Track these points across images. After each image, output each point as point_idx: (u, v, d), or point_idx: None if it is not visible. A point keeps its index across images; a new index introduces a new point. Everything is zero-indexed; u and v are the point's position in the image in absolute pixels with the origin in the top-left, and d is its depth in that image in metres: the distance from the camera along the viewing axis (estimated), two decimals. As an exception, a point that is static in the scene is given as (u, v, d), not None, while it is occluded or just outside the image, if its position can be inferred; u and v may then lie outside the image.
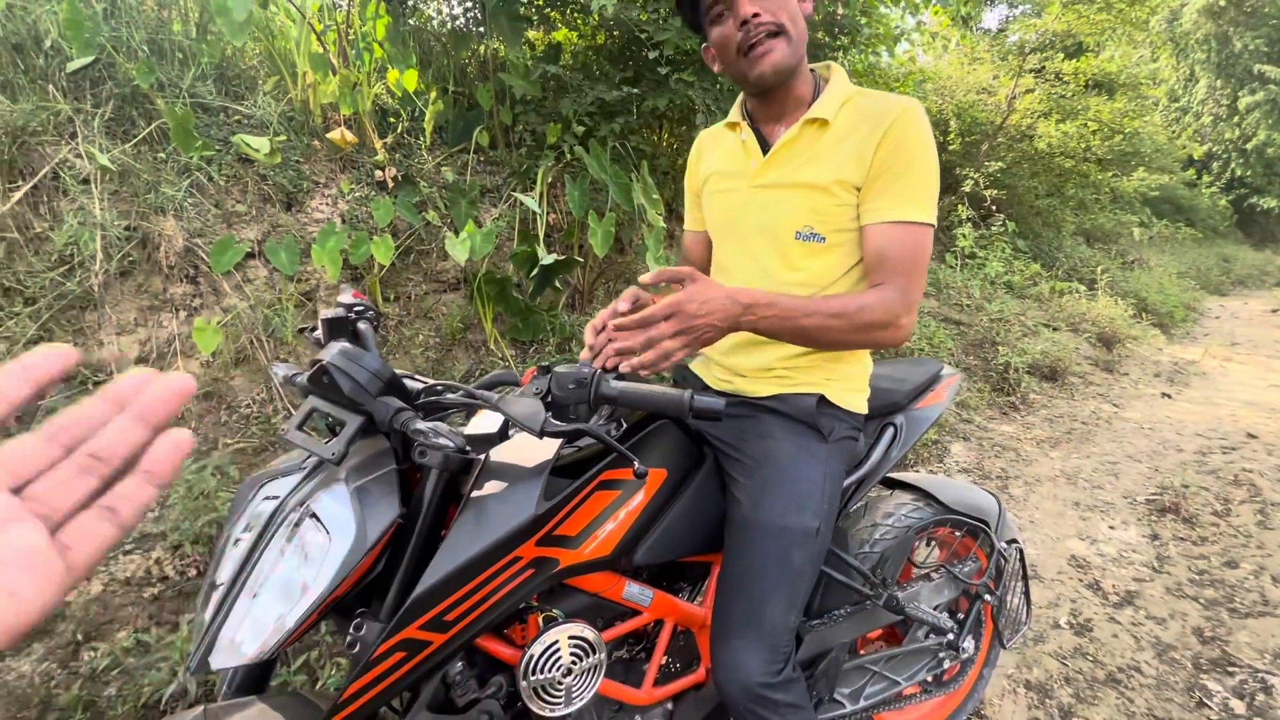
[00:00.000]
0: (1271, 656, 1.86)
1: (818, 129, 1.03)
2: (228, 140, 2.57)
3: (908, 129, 0.97)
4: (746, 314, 0.88)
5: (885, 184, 0.97)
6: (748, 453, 1.05)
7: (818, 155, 1.02)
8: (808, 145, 1.03)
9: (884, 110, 0.98)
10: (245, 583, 0.77)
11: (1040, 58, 6.63)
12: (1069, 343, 4.94)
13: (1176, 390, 4.59)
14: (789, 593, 0.95)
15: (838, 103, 1.03)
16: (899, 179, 0.97)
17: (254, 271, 2.57)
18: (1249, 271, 11.16)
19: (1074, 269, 6.97)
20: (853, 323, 0.94)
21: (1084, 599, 2.14)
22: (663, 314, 0.84)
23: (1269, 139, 14.23)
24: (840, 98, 1.03)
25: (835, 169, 1.00)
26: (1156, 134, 8.25)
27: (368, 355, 0.83)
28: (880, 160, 0.97)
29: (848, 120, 1.01)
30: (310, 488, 0.82)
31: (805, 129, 1.03)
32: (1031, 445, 3.48)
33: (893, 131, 0.96)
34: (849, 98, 1.03)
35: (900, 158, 0.96)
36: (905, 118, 0.97)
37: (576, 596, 0.97)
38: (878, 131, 0.97)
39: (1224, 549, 2.44)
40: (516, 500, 0.83)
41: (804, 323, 0.91)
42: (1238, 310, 8.04)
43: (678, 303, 0.84)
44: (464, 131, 3.32)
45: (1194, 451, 3.44)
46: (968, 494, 1.51)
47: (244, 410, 2.34)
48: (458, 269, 3.12)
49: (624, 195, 2.96)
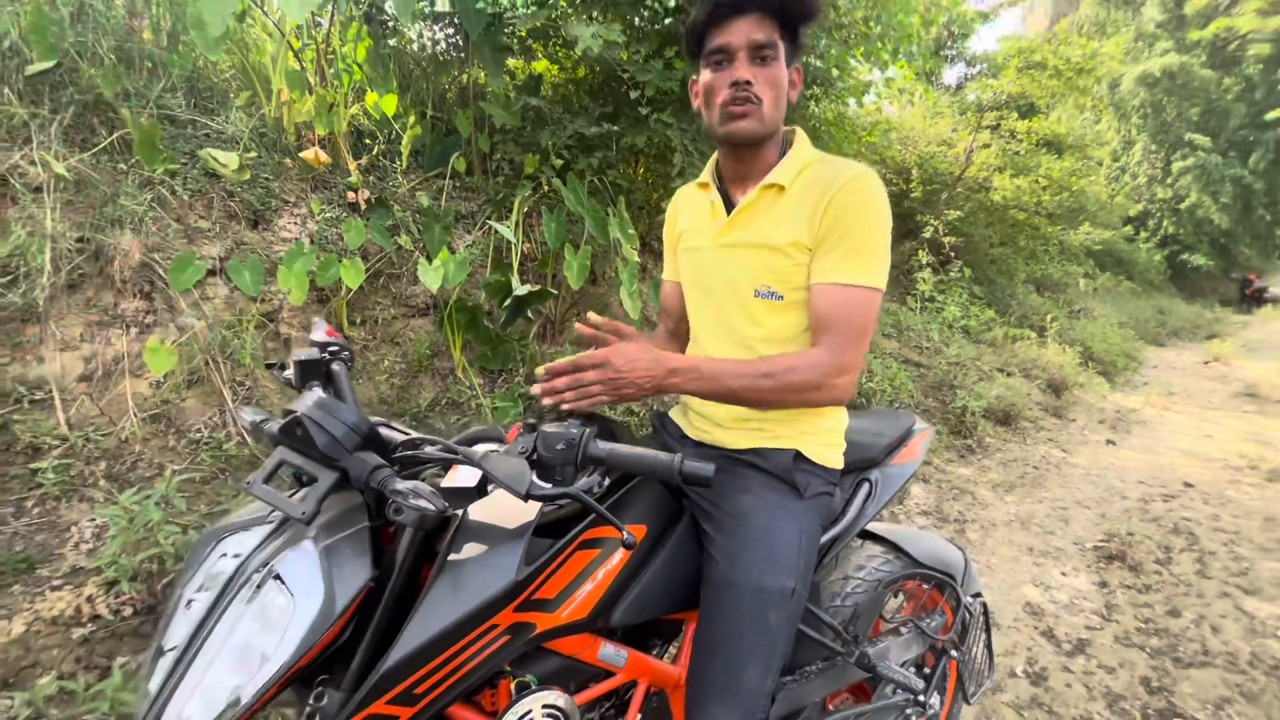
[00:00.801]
0: (1214, 708, 1.92)
1: (775, 193, 1.07)
2: (194, 154, 2.50)
3: (855, 194, 1.00)
4: (670, 377, 0.94)
5: (830, 246, 1.01)
6: (725, 509, 1.05)
7: (775, 218, 1.07)
8: (766, 208, 1.08)
9: (833, 177, 1.03)
10: (200, 649, 0.71)
11: (996, 115, 7.01)
12: (1022, 388, 5.13)
13: (1120, 437, 4.80)
14: (766, 656, 0.94)
15: (796, 169, 1.07)
16: (843, 242, 1.00)
17: (214, 290, 2.48)
18: (1182, 324, 11.85)
19: (1025, 316, 7.29)
20: (780, 383, 0.97)
21: (1039, 647, 2.19)
22: (592, 363, 0.90)
23: (1199, 201, 15.28)
24: (799, 164, 1.08)
25: (790, 231, 1.04)
26: (1100, 192, 8.77)
27: (344, 407, 0.80)
28: (827, 223, 1.01)
29: (803, 186, 1.06)
30: (276, 545, 0.78)
31: (764, 193, 1.08)
32: (987, 489, 3.58)
33: (839, 196, 1.00)
34: (807, 164, 1.08)
35: (845, 222, 1.00)
36: (854, 184, 1.01)
37: (550, 659, 0.94)
38: (826, 196, 1.01)
39: (1167, 597, 2.54)
40: (497, 564, 0.80)
41: (731, 384, 0.97)
42: (1173, 361, 8.51)
43: (607, 356, 0.90)
44: (441, 157, 3.30)
45: (1137, 499, 3.59)
46: (935, 547, 1.53)
47: (194, 435, 2.23)
48: (427, 294, 3.07)
49: (600, 229, 2.97)
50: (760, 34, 1.00)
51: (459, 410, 2.86)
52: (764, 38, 1.00)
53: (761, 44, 1.00)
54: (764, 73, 1.02)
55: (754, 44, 1.00)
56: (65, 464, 1.92)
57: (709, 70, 1.05)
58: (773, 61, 1.02)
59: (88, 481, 1.95)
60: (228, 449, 2.23)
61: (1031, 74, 6.14)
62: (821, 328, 1.01)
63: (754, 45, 1.00)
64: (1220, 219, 15.30)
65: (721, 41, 1.01)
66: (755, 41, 1.00)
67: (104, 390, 2.15)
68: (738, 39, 1.00)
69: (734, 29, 1.00)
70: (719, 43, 1.02)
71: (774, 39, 1.01)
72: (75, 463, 1.95)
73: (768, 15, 1.00)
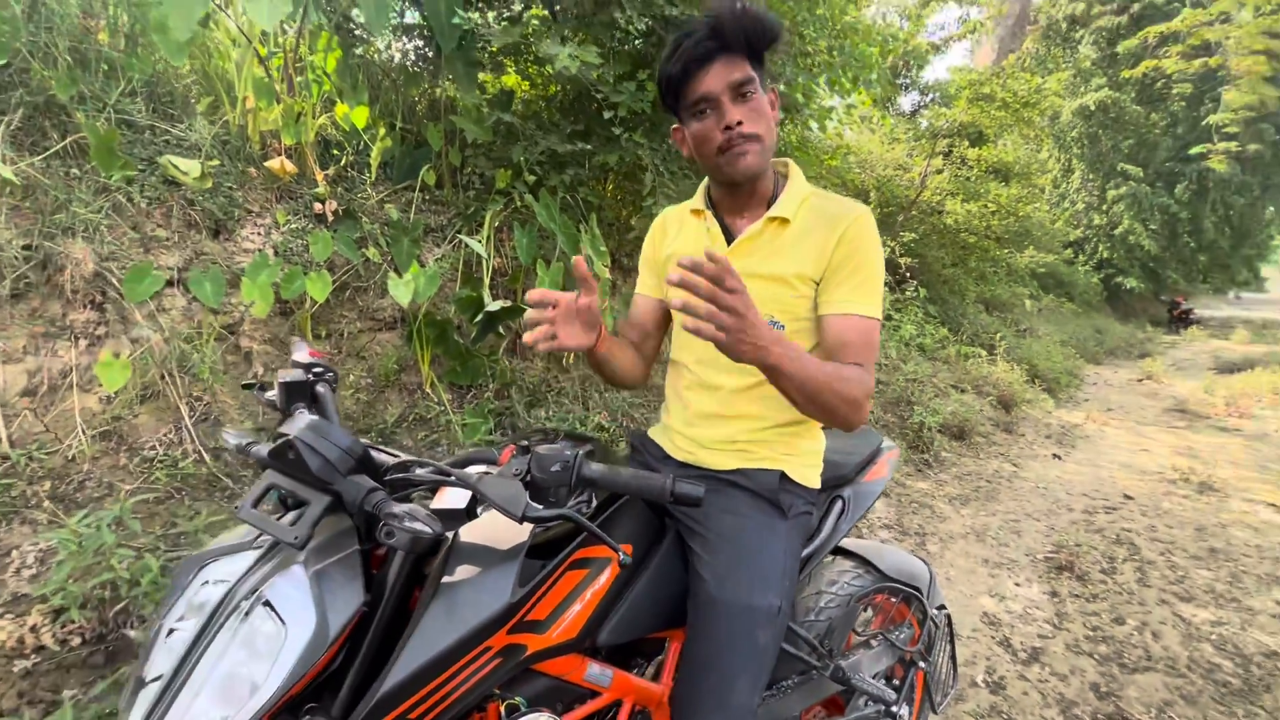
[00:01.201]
0: (1157, 710, 2.03)
1: (779, 226, 1.11)
2: (153, 161, 2.41)
3: (862, 232, 1.07)
4: (775, 345, 0.87)
5: (842, 280, 1.07)
6: (711, 528, 1.07)
7: (779, 250, 1.10)
8: (770, 240, 1.12)
9: (840, 214, 1.09)
10: (186, 679, 0.69)
11: (948, 143, 7.35)
12: (974, 404, 5.34)
13: (1065, 451, 5.04)
14: (754, 672, 0.96)
15: (797, 202, 1.12)
16: (854, 276, 1.06)
17: (170, 301, 2.39)
18: (1118, 343, 12.54)
19: (976, 334, 7.60)
20: (843, 390, 0.96)
21: (997, 656, 2.27)
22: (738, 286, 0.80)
23: (1130, 227, 16.26)
24: (799, 197, 1.12)
25: (796, 264, 1.08)
26: (1044, 218, 9.25)
27: (336, 430, 0.79)
28: (838, 259, 1.06)
29: (806, 219, 1.10)
30: (264, 571, 0.76)
31: (768, 225, 1.11)
32: (944, 502, 3.71)
33: (849, 233, 1.06)
34: (806, 197, 1.13)
35: (855, 259, 1.06)
36: (860, 222, 1.08)
37: (537, 681, 0.94)
38: (835, 232, 1.07)
39: (1112, 605, 2.67)
40: (491, 587, 0.81)
41: (814, 373, 0.92)
42: (1110, 378, 8.99)
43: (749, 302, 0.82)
44: (410, 169, 3.27)
45: (1082, 511, 3.77)
46: (902, 560, 1.59)
47: (147, 453, 2.14)
48: (394, 308, 3.02)
49: (572, 245, 2.99)
50: (737, 73, 1.02)
51: (427, 426, 2.81)
52: (741, 76, 1.02)
53: (740, 83, 1.03)
54: (750, 108, 1.04)
55: (733, 85, 1.02)
56: (6, 484, 1.81)
57: (695, 120, 1.07)
58: (754, 95, 1.05)
59: (30, 503, 1.85)
60: (184, 467, 2.14)
61: (981, 105, 6.48)
62: (845, 352, 1.03)
63: (733, 86, 1.02)
64: (1150, 245, 16.30)
65: (702, 91, 1.03)
66: (735, 82, 1.02)
67: (49, 405, 2.05)
68: (717, 84, 1.02)
69: (710, 76, 1.02)
70: (700, 93, 1.04)
71: (749, 74, 1.03)
72: (17, 483, 1.85)
73: (738, 53, 1.02)
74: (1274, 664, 2.31)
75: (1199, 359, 11.60)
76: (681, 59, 1.03)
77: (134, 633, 1.51)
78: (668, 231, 1.30)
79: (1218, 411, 6.63)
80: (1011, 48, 10.22)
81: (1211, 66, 14.96)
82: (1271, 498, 4.03)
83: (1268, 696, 2.12)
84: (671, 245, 1.26)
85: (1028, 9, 10.92)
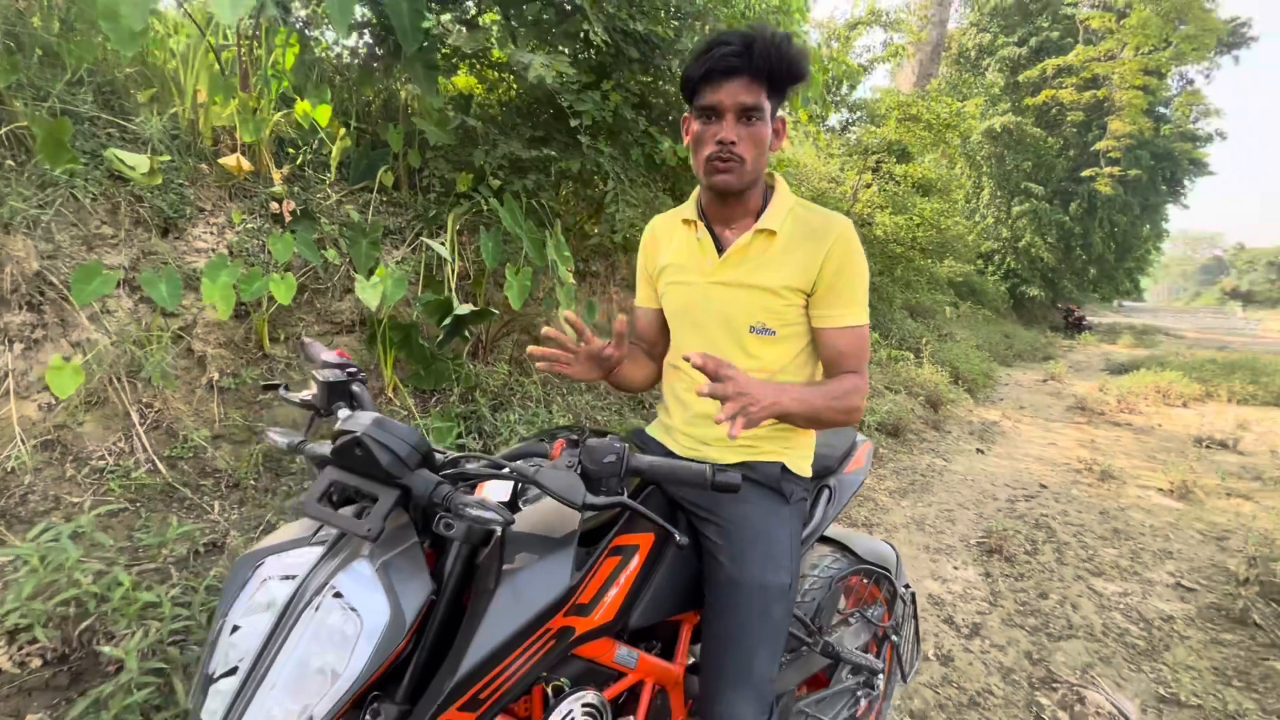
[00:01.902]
0: (1080, 671, 2.28)
1: (766, 238, 1.18)
2: (97, 154, 2.28)
3: (849, 245, 1.15)
4: (780, 395, 0.98)
5: (835, 295, 1.15)
6: (724, 516, 1.15)
7: (768, 262, 1.17)
8: (759, 252, 1.18)
9: (825, 228, 1.16)
10: (265, 674, 0.71)
11: (877, 158, 7.81)
12: (906, 404, 5.71)
13: (987, 446, 5.47)
14: (773, 645, 1.05)
15: (783, 214, 1.19)
16: (845, 291, 1.15)
17: (115, 303, 2.26)
18: (1025, 347, 13.63)
19: (904, 339, 8.10)
20: (846, 404, 1.10)
21: (943, 632, 2.48)
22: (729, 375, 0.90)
23: (1032, 241, 17.74)
24: (784, 209, 1.19)
25: (784, 276, 1.16)
26: (962, 231, 9.96)
27: (402, 426, 0.82)
28: (829, 274, 1.14)
29: (792, 232, 1.18)
30: (332, 567, 0.78)
31: (756, 237, 1.18)
32: (886, 495, 3.96)
33: (835, 249, 1.14)
34: (791, 208, 1.20)
35: (845, 273, 1.15)
36: (844, 236, 1.15)
37: (574, 664, 0.99)
38: (822, 248, 1.14)
39: (1037, 583, 2.96)
40: (551, 571, 0.86)
41: (818, 404, 1.06)
42: (1020, 379, 9.78)
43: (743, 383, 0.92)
44: (367, 170, 3.20)
45: (1005, 500, 4.12)
46: (872, 544, 1.73)
47: (96, 463, 2.01)
48: (353, 311, 2.96)
49: (537, 250, 3.02)
50: (748, 97, 1.07)
51: (392, 431, 2.76)
52: (751, 101, 1.07)
53: (749, 107, 1.08)
54: (748, 132, 1.10)
55: (741, 107, 1.08)
56: (-58, 499, 1.68)
57: (698, 122, 1.13)
58: (757, 121, 1.10)
59: (-31, 519, 1.71)
60: (137, 478, 2.03)
61: (908, 125, 6.95)
62: (843, 363, 1.15)
63: (741, 108, 1.08)
64: (1049, 257, 17.84)
65: (712, 100, 1.09)
66: (743, 104, 1.07)
67: (-14, 414, 1.90)
68: (728, 100, 1.08)
69: (725, 90, 1.07)
70: (710, 101, 1.09)
71: (760, 102, 1.08)
72: (-46, 498, 1.71)
73: (757, 79, 1.07)
74: (1171, 626, 2.63)
75: (1093, 361, 12.78)
76: (706, 63, 1.07)
77: (108, 649, 1.44)
78: (659, 242, 1.34)
79: (1111, 408, 7.36)
80: (930, 72, 10.98)
81: (1100, 98, 16.57)
82: (1160, 483, 4.54)
83: (1168, 654, 2.42)
84: (665, 257, 1.30)
85: (943, 37, 11.76)
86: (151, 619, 1.54)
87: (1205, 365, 9.82)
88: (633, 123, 3.40)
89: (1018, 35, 18.87)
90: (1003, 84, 18.86)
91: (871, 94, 8.58)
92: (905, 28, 9.01)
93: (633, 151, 3.50)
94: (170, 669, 1.50)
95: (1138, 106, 15.53)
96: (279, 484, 2.32)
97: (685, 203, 1.31)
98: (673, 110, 3.87)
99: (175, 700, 1.45)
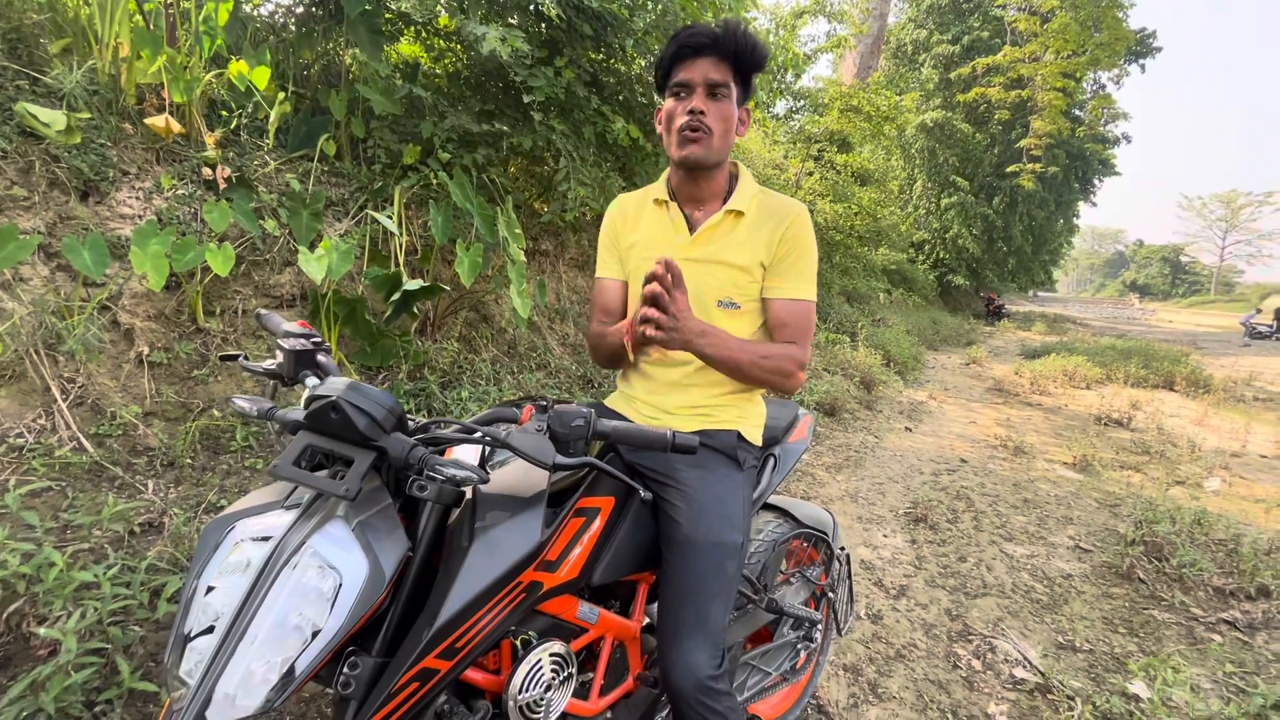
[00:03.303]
0: (993, 624, 2.51)
1: (735, 218, 1.28)
2: (6, 108, 2.10)
3: (802, 228, 1.27)
4: (699, 337, 1.12)
5: (786, 268, 1.26)
6: (682, 480, 1.22)
7: (736, 240, 1.27)
8: (728, 231, 1.28)
9: (784, 211, 1.28)
10: (245, 631, 0.72)
11: (819, 147, 8.05)
12: (841, 385, 5.99)
13: (914, 424, 5.81)
14: (726, 597, 1.13)
15: (749, 197, 1.29)
16: (794, 267, 1.26)
17: (30, 269, 2.11)
18: (950, 333, 14.45)
19: (840, 324, 8.45)
20: (771, 365, 1.22)
21: (874, 594, 2.67)
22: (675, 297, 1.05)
23: (959, 232, 18.72)
24: (750, 193, 1.30)
25: (750, 253, 1.26)
26: (897, 221, 10.41)
27: (376, 390, 0.84)
28: (782, 251, 1.25)
29: (757, 214, 1.28)
30: (309, 527, 0.80)
31: (726, 217, 1.28)
32: (823, 470, 4.17)
33: (792, 228, 1.26)
34: (756, 193, 1.31)
35: (795, 251, 1.26)
36: (799, 220, 1.27)
37: (540, 619, 1.04)
38: (781, 226, 1.26)
39: (957, 548, 3.21)
40: (523, 528, 0.90)
41: (739, 356, 1.18)
42: (945, 363, 10.39)
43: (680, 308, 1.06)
44: (306, 138, 3.07)
45: (930, 473, 4.42)
46: (811, 510, 1.85)
47: (14, 440, 1.90)
48: (293, 284, 2.86)
49: (488, 226, 2.99)
50: (716, 74, 1.18)
51: (337, 408, 2.70)
52: (719, 77, 1.18)
53: (717, 82, 1.18)
54: (716, 107, 1.20)
55: (710, 82, 1.18)
56: None
57: (671, 100, 1.23)
58: (724, 99, 1.20)
59: (-128, 499, 1.59)
60: (61, 455, 1.93)
61: (849, 116, 7.18)
62: (786, 332, 1.26)
63: (710, 83, 1.18)
64: (974, 248, 18.86)
65: (684, 77, 1.19)
66: (711, 80, 1.18)
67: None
68: (697, 75, 1.18)
69: (696, 67, 1.19)
70: (682, 78, 1.20)
71: (728, 80, 1.19)
72: None
73: (724, 59, 1.18)
74: (1070, 583, 2.92)
75: (1010, 346, 13.68)
76: (678, 42, 1.18)
77: (43, 630, 1.38)
78: (627, 218, 1.39)
79: (1024, 390, 7.93)
80: (870, 65, 11.33)
81: (1024, 97, 17.53)
82: (1065, 458, 4.97)
83: (1067, 608, 2.69)
84: (635, 234, 1.36)
85: (884, 31, 12.13)
86: (89, 599, 1.48)
87: (1106, 351, 10.69)
88: (585, 100, 3.40)
89: (951, 33, 19.67)
90: (937, 80, 19.65)
91: (814, 84, 8.80)
92: (848, 19, 9.26)
93: (585, 130, 3.50)
94: (112, 649, 1.46)
95: (1057, 107, 16.54)
96: (218, 462, 2.24)
97: (654, 183, 1.39)
98: (624, 90, 3.88)
99: (118, 681, 1.41)
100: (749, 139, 8.80)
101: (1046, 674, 2.15)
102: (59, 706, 1.32)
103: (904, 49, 20.66)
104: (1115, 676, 2.20)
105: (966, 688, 2.12)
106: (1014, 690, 2.12)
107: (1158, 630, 2.53)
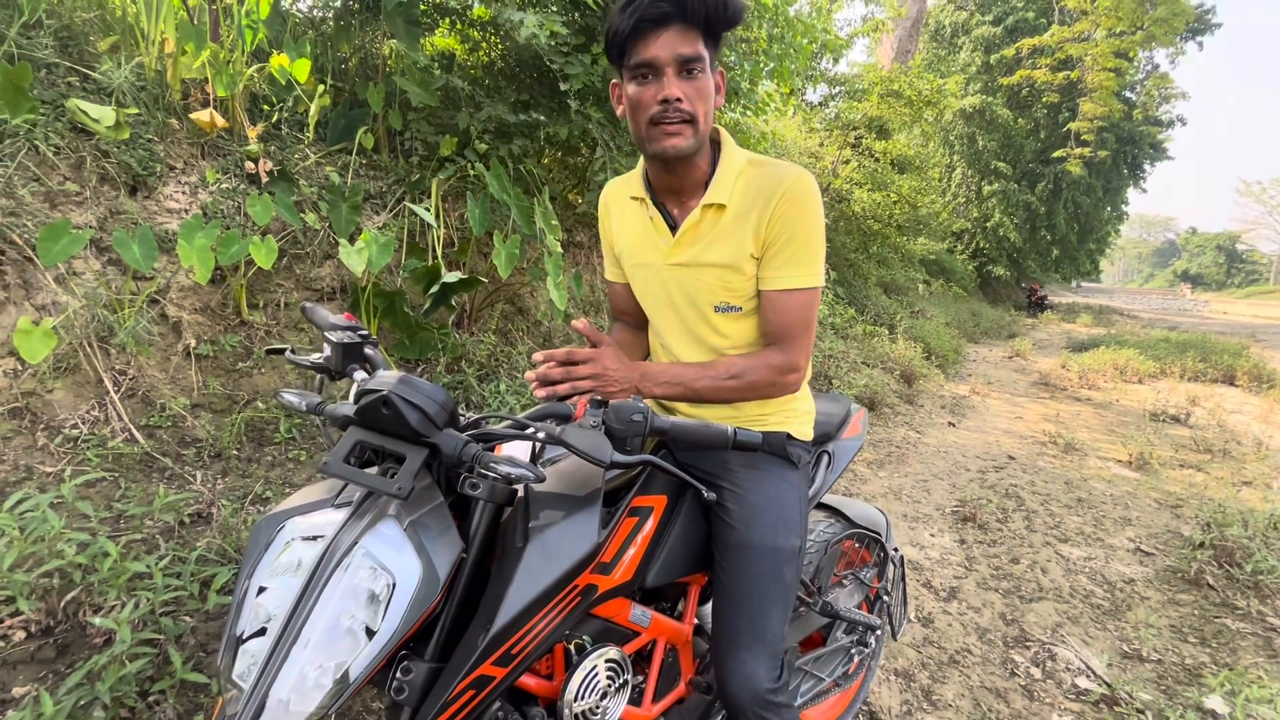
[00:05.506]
0: (1051, 630, 2.39)
1: (716, 211, 1.08)
2: (58, 105, 2.14)
3: (793, 202, 1.03)
4: (643, 382, 1.02)
5: (776, 253, 1.06)
6: (734, 481, 1.16)
7: (720, 236, 1.08)
8: (710, 227, 1.09)
9: (774, 186, 1.04)
10: (298, 633, 0.69)
11: (856, 134, 7.83)
12: (881, 378, 5.83)
13: (957, 419, 5.63)
14: (784, 605, 1.07)
15: (731, 180, 1.07)
16: (787, 248, 1.05)
17: (83, 264, 2.15)
18: (990, 325, 13.99)
19: (879, 315, 8.24)
20: (742, 383, 1.07)
21: (923, 596, 2.57)
22: (584, 358, 0.95)
23: (1000, 221, 18.09)
24: (733, 175, 1.07)
25: (738, 248, 1.07)
26: (938, 209, 10.10)
27: (429, 385, 0.80)
28: (773, 233, 1.05)
29: (743, 199, 1.06)
30: (361, 527, 0.76)
31: (705, 213, 1.08)
32: (864, 466, 4.06)
33: (780, 205, 1.03)
34: (741, 171, 1.08)
35: (789, 229, 1.04)
36: (792, 190, 1.03)
37: (593, 623, 1.00)
38: (769, 207, 1.04)
39: (1009, 549, 3.08)
40: (579, 530, 0.85)
41: (697, 385, 1.06)
42: (987, 355, 10.06)
43: (598, 354, 0.97)
44: (345, 130, 3.08)
45: (976, 470, 4.26)
46: (864, 510, 1.77)
47: (69, 431, 1.94)
48: (334, 277, 2.87)
49: (525, 218, 2.96)
50: (686, 48, 0.96)
51: (376, 401, 2.71)
52: (691, 51, 0.96)
53: (689, 59, 0.96)
54: (693, 86, 0.98)
55: (681, 59, 0.96)
56: (-94, 468, 1.59)
57: (634, 84, 1.00)
58: (700, 74, 0.98)
59: (-63, 488, 1.63)
60: (114, 446, 1.96)
61: (889, 101, 6.96)
62: (771, 332, 1.10)
63: (681, 60, 0.96)
64: (1015, 237, 18.22)
65: (648, 56, 0.96)
66: (682, 56, 0.96)
67: (-53, 380, 1.81)
68: (664, 53, 0.95)
69: (659, 42, 0.95)
70: (645, 57, 0.96)
71: (700, 51, 0.97)
72: (-82, 467, 1.63)
73: (693, 26, 0.96)
74: (1132, 588, 2.77)
75: (1054, 339, 13.19)
76: (635, 14, 0.94)
77: (98, 620, 1.40)
78: (611, 216, 1.26)
79: (1073, 384, 7.62)
80: (908, 48, 10.98)
81: (1073, 79, 16.82)
82: (1118, 455, 4.74)
83: (1130, 614, 2.55)
84: (618, 236, 1.24)
85: (923, 13, 11.75)
86: (142, 590, 1.50)
87: (1159, 344, 10.22)
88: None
89: (993, 14, 18.97)
90: (979, 64, 18.99)
91: (850, 69, 8.57)
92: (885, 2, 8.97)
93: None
94: (164, 639, 1.47)
95: (1109, 88, 15.83)
96: (262, 454, 2.27)
97: (631, 172, 1.21)
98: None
99: (170, 671, 1.42)
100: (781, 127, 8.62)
101: (1113, 685, 2.04)
102: (114, 696, 1.33)
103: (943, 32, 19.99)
104: (1189, 689, 2.07)
105: (1026, 697, 2.02)
106: (1077, 701, 2.01)
107: (1232, 640, 2.38)
